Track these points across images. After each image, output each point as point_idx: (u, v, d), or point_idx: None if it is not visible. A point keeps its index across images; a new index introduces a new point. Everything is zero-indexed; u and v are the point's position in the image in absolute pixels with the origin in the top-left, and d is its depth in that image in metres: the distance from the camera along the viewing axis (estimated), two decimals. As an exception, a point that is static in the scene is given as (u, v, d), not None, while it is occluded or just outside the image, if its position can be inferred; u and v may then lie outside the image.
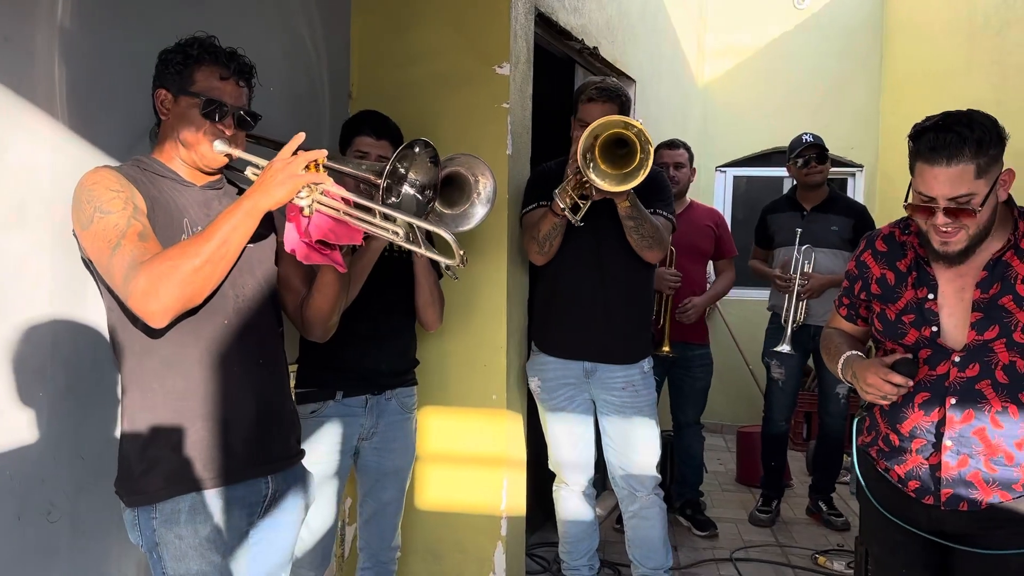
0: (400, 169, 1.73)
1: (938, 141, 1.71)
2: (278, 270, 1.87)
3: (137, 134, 2.02)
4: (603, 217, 2.76)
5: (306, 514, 1.91)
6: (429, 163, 1.77)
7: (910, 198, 1.82)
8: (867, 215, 4.21)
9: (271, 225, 1.85)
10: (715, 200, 6.56)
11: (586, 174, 2.52)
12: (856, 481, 2.09)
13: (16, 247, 1.81)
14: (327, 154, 1.64)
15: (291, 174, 1.58)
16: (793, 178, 4.24)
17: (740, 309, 6.01)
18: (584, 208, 2.70)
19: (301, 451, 1.92)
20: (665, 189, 3.01)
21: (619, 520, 3.26)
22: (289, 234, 1.68)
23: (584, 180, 2.58)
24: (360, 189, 2.03)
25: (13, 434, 1.81)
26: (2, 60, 1.76)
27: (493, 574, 3.01)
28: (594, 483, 3.13)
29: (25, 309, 1.83)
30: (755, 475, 4.74)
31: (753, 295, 5.55)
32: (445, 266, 1.73)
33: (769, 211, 4.34)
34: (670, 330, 3.79)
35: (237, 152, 1.72)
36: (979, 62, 4.65)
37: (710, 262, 4.31)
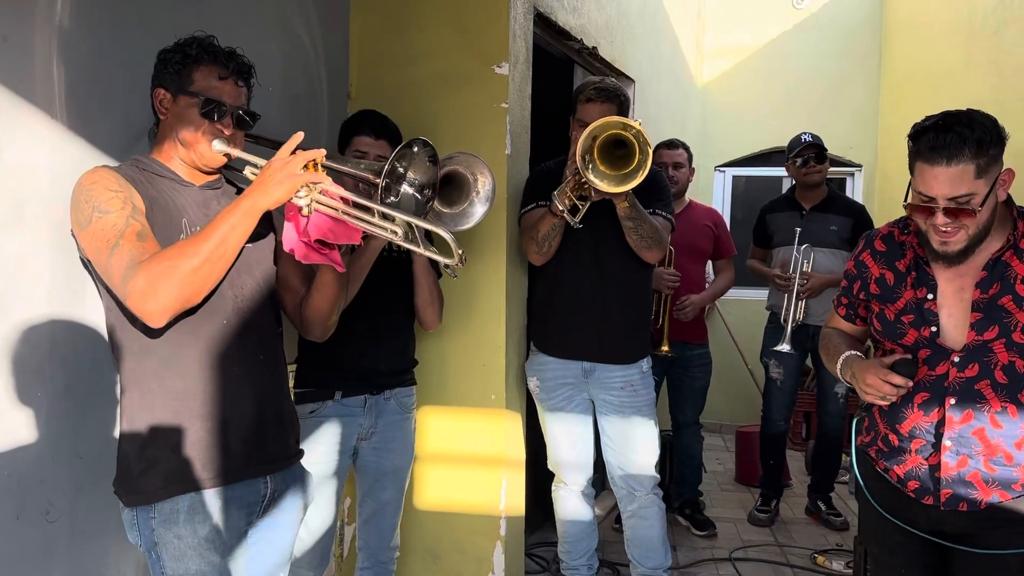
0: (399, 168, 1.73)
1: (938, 141, 1.70)
2: (277, 270, 1.87)
3: (136, 134, 2.02)
4: (602, 217, 2.76)
5: (305, 514, 1.91)
6: (428, 162, 1.76)
7: (910, 198, 1.81)
8: (866, 215, 4.21)
9: (270, 225, 1.85)
10: (714, 200, 6.56)
11: (585, 175, 2.52)
12: (855, 481, 2.09)
13: (15, 247, 1.80)
14: (325, 153, 1.64)
15: (289, 173, 1.57)
16: (792, 178, 4.24)
17: (739, 309, 6.02)
18: (583, 210, 2.70)
19: (300, 451, 1.92)
20: (664, 189, 3.01)
21: (618, 520, 3.26)
22: (288, 233, 1.68)
23: (583, 181, 2.58)
24: (359, 189, 2.03)
25: (12, 434, 1.81)
26: (1, 60, 1.76)
27: (492, 574, 3.01)
28: (593, 483, 3.13)
29: (24, 309, 1.83)
30: (754, 475, 4.74)
31: (752, 295, 5.55)
32: (444, 265, 1.73)
33: (768, 210, 4.34)
34: (669, 330, 3.79)
35: (236, 152, 1.72)
36: (977, 62, 4.65)
37: (709, 262, 4.31)
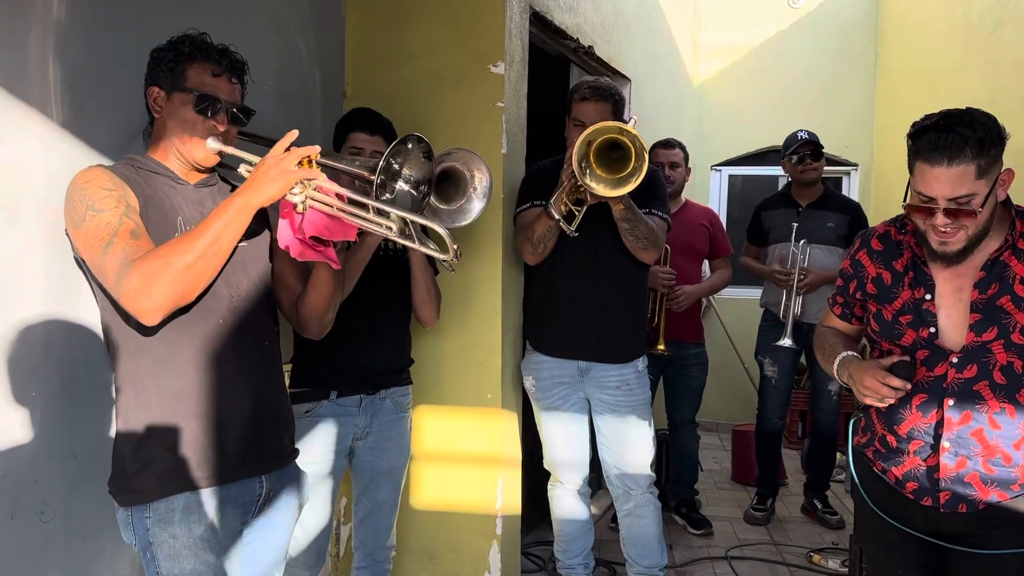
0: (394, 165, 1.72)
1: (939, 141, 1.68)
2: (272, 267, 1.87)
3: (131, 133, 2.02)
4: (598, 217, 2.76)
5: (300, 513, 1.91)
6: (423, 158, 1.75)
7: (909, 198, 1.79)
8: (861, 212, 4.22)
9: (265, 222, 1.84)
10: (710, 199, 6.57)
11: (582, 181, 2.52)
12: (851, 479, 2.08)
13: (9, 246, 1.80)
14: (320, 150, 1.63)
15: (284, 170, 1.57)
16: (788, 175, 4.25)
17: (735, 308, 6.02)
18: (579, 216, 2.70)
19: (295, 450, 1.91)
20: (660, 188, 3.01)
21: (614, 519, 3.26)
22: (283, 231, 1.67)
23: (579, 185, 2.58)
24: (355, 186, 2.03)
25: (6, 434, 1.81)
26: (-4, 59, 1.76)
27: (488, 573, 3.01)
28: (589, 482, 3.14)
29: (19, 309, 1.83)
30: (750, 473, 4.74)
31: (749, 294, 5.55)
32: (441, 260, 1.72)
33: (763, 208, 4.34)
34: (665, 329, 3.79)
35: (230, 149, 1.72)
36: (974, 61, 4.65)
37: (706, 261, 4.32)
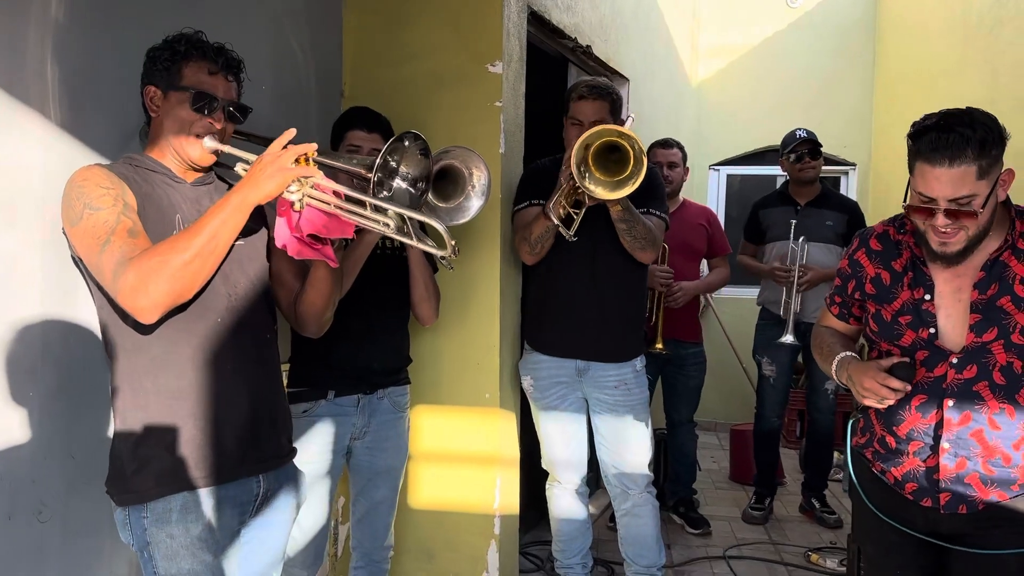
0: (391, 162, 1.72)
1: (940, 142, 1.67)
2: (270, 266, 1.86)
3: (128, 133, 2.02)
4: (596, 217, 2.76)
5: (298, 513, 1.91)
6: (419, 155, 1.75)
7: (909, 198, 1.78)
8: (859, 211, 4.23)
9: (262, 221, 1.84)
10: (709, 199, 6.57)
11: (582, 185, 2.52)
12: (848, 479, 2.07)
13: (7, 246, 1.80)
14: (317, 148, 1.63)
15: (280, 167, 1.57)
16: (786, 173, 4.25)
17: (733, 307, 6.02)
18: (577, 220, 2.70)
19: (293, 450, 1.91)
20: (659, 188, 3.01)
21: (612, 518, 3.26)
22: (280, 229, 1.67)
23: (577, 187, 2.58)
24: (353, 185, 2.03)
25: (4, 434, 1.80)
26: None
27: (486, 573, 3.01)
28: (587, 481, 3.14)
29: (16, 308, 1.83)
30: (748, 473, 4.74)
31: (746, 293, 5.55)
32: (440, 257, 1.72)
33: (760, 206, 4.34)
34: (663, 328, 3.80)
35: (227, 148, 1.72)
36: (972, 61, 4.65)
37: (704, 261, 4.32)
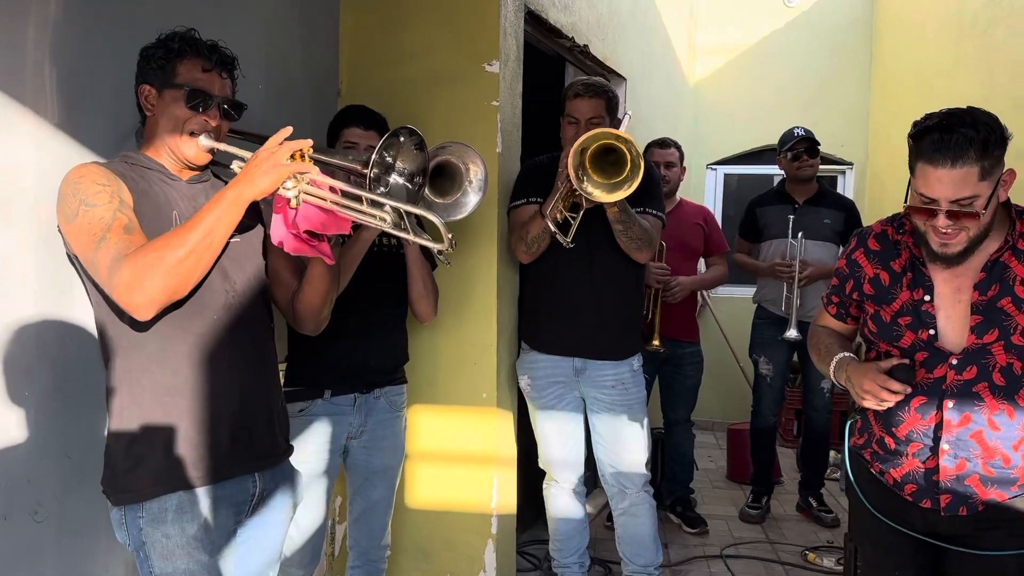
0: (387, 158, 1.72)
1: (942, 142, 1.65)
2: (267, 263, 1.86)
3: (124, 132, 2.01)
4: (593, 216, 2.76)
5: (294, 513, 1.91)
6: (415, 150, 1.74)
7: (909, 199, 1.77)
8: (856, 210, 4.25)
9: (258, 218, 1.84)
10: (706, 198, 6.57)
11: (578, 187, 2.52)
12: (845, 478, 2.07)
13: (1, 246, 1.79)
14: (312, 144, 1.63)
15: (276, 163, 1.57)
16: (784, 171, 4.26)
17: (730, 306, 6.02)
18: (574, 225, 2.71)
19: (289, 448, 1.91)
20: (656, 187, 3.00)
21: (609, 517, 3.27)
22: (276, 226, 1.67)
23: (575, 190, 2.58)
24: (350, 182, 2.03)
25: (0, 434, 1.80)
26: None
27: (484, 572, 3.01)
28: (584, 481, 3.14)
29: (11, 308, 1.82)
30: (745, 472, 4.74)
31: (744, 292, 5.55)
32: (437, 253, 1.71)
33: (757, 204, 4.34)
34: (661, 327, 3.80)
35: (222, 146, 1.72)
36: (967, 60, 4.66)
37: (701, 259, 4.32)
